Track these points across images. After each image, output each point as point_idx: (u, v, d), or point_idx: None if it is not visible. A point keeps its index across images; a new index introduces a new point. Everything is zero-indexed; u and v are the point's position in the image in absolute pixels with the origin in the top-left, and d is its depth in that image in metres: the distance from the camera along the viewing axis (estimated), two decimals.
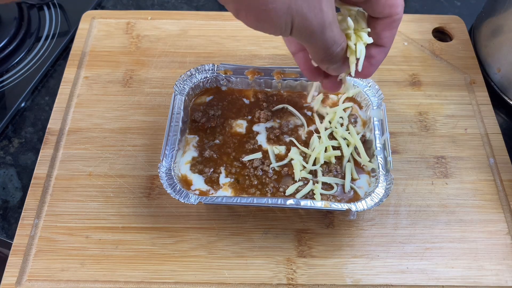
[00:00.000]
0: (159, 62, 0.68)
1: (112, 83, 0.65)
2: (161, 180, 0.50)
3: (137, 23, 0.72)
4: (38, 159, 0.58)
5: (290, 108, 0.59)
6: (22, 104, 0.66)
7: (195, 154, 0.55)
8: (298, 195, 0.51)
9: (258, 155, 0.54)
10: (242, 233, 0.53)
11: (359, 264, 0.51)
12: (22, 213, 0.54)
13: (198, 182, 0.53)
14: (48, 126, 0.61)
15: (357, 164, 0.54)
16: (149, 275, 0.50)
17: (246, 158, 0.54)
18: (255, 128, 0.58)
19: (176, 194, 0.49)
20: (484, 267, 0.51)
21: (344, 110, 0.58)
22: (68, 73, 0.67)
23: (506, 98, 0.66)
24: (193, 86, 0.59)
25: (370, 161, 0.53)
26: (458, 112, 0.63)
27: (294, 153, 0.54)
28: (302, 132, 0.57)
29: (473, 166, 0.58)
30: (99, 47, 0.69)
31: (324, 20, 0.35)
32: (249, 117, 0.58)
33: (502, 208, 0.55)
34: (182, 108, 0.56)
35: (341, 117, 0.57)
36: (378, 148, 0.53)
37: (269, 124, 0.58)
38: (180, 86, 0.58)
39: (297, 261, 0.51)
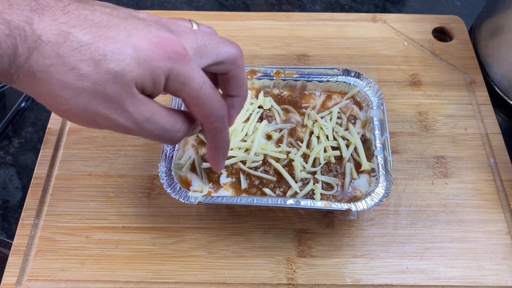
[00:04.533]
0: None
1: None
2: (161, 180, 0.50)
3: None
4: (38, 159, 0.58)
5: (290, 108, 0.59)
6: (22, 104, 0.66)
7: (195, 153, 0.55)
8: (298, 195, 0.51)
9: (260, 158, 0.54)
10: (242, 233, 0.53)
11: (359, 264, 0.51)
12: (22, 213, 0.54)
13: (198, 182, 0.53)
14: (48, 126, 0.61)
15: (357, 164, 0.54)
16: (149, 275, 0.50)
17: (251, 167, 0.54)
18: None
19: (176, 194, 0.49)
20: (484, 267, 0.51)
21: (344, 112, 0.58)
22: None
23: (506, 98, 0.66)
24: None
25: (370, 162, 0.53)
26: (458, 112, 0.63)
27: (294, 154, 0.54)
28: (302, 133, 0.57)
29: (473, 166, 0.58)
30: None
31: (135, 118, 0.33)
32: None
33: (502, 208, 0.55)
34: (182, 108, 0.56)
35: (340, 118, 0.57)
36: (378, 148, 0.53)
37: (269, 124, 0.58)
38: None
39: (297, 261, 0.51)
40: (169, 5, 0.80)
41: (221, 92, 0.42)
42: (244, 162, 0.53)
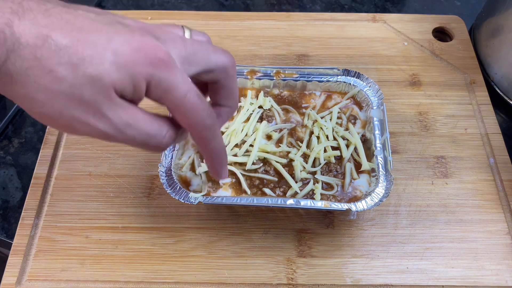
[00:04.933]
0: None
1: None
2: (161, 180, 0.50)
3: None
4: (38, 159, 0.58)
5: (290, 108, 0.59)
6: None
7: (195, 153, 0.55)
8: (298, 195, 0.51)
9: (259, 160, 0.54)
10: (242, 233, 0.53)
11: (359, 264, 0.51)
12: (22, 213, 0.54)
13: (197, 181, 0.53)
14: (48, 126, 0.61)
15: (357, 164, 0.54)
16: (149, 275, 0.50)
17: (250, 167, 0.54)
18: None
19: (176, 194, 0.49)
20: (484, 267, 0.51)
21: (344, 112, 0.58)
22: None
23: (506, 98, 0.66)
24: None
25: (370, 162, 0.53)
26: (458, 112, 0.63)
27: (294, 154, 0.54)
28: (302, 133, 0.57)
29: (473, 166, 0.58)
30: None
31: (115, 124, 0.32)
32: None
33: (502, 208, 0.55)
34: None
35: (340, 118, 0.57)
36: (378, 148, 0.53)
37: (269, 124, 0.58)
38: None
39: (297, 261, 0.51)
40: (169, 5, 0.80)
41: (210, 101, 0.40)
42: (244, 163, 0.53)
